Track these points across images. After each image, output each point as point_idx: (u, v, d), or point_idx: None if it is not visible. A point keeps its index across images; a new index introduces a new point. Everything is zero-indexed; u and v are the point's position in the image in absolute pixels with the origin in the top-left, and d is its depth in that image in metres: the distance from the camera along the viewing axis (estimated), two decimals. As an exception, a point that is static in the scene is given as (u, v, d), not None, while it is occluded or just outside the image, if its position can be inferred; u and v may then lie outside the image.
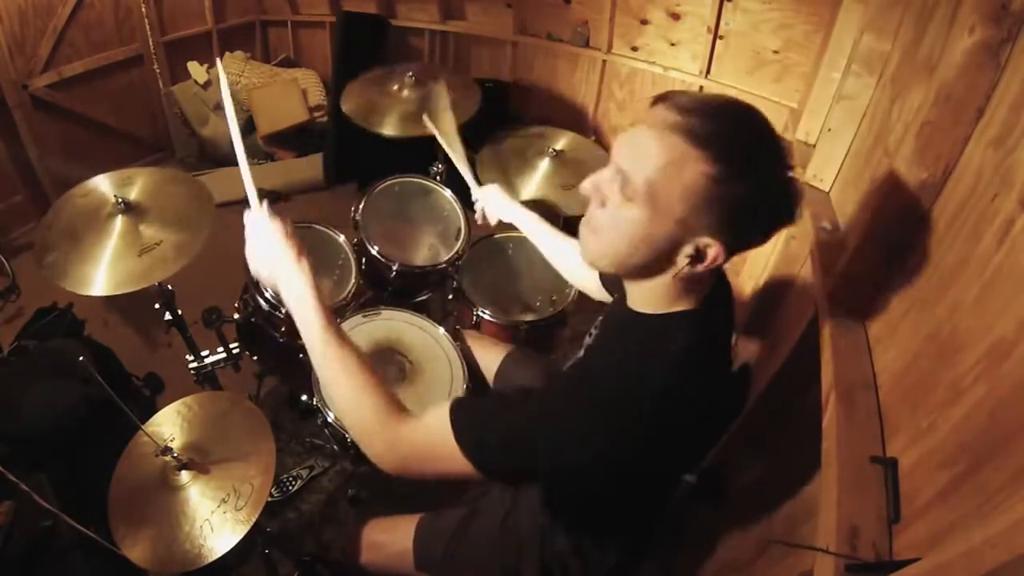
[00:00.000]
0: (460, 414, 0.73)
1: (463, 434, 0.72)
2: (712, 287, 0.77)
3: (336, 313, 1.43)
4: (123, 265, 1.22)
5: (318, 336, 0.80)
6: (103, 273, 1.20)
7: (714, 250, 0.67)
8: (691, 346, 0.73)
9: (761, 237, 0.71)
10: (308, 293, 0.82)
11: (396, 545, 1.10)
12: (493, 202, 1.31)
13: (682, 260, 0.69)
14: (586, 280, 1.17)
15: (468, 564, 1.07)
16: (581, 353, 0.92)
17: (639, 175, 0.66)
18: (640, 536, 1.05)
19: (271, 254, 0.85)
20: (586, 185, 0.73)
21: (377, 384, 0.79)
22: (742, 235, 0.69)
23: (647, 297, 0.77)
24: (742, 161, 0.64)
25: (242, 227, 0.89)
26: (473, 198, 1.38)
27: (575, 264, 1.18)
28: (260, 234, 0.86)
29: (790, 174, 0.67)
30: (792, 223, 0.70)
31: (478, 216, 1.36)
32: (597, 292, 1.15)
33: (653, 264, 0.72)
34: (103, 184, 1.32)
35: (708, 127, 0.64)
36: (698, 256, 0.68)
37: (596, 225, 0.73)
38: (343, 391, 0.79)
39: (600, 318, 0.96)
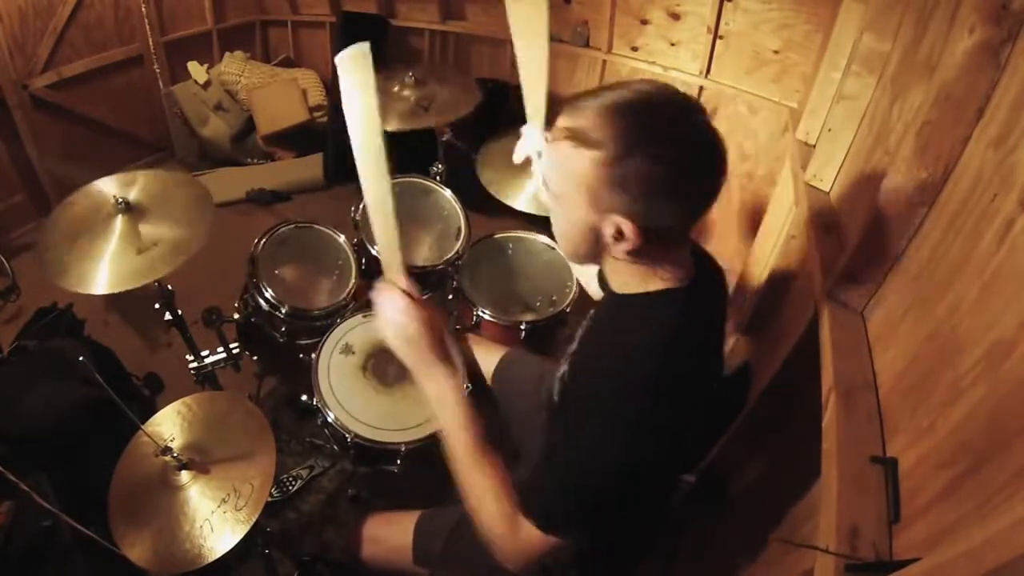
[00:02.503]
0: (535, 513, 0.79)
1: (551, 528, 0.78)
2: (694, 266, 0.81)
3: (336, 313, 1.45)
4: (122, 263, 1.22)
5: (457, 441, 0.85)
6: (102, 271, 1.20)
7: (627, 227, 0.71)
8: (672, 324, 0.77)
9: (683, 205, 0.73)
10: (451, 398, 0.86)
11: (395, 540, 1.11)
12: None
13: (610, 240, 0.74)
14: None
15: (466, 561, 1.07)
16: (575, 345, 0.95)
17: (548, 181, 0.77)
18: (640, 537, 1.05)
19: (407, 340, 0.87)
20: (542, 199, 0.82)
21: (502, 492, 0.82)
22: (653, 207, 0.70)
23: (622, 279, 0.83)
24: (623, 141, 0.67)
25: (242, 230, 0.90)
26: (528, 130, 1.23)
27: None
28: (394, 317, 0.88)
29: (709, 139, 0.70)
30: (720, 184, 0.72)
31: (517, 154, 1.26)
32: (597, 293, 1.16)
33: (593, 249, 0.79)
34: (105, 186, 1.32)
35: (581, 122, 0.70)
36: (621, 236, 0.73)
37: (553, 228, 0.83)
38: (472, 493, 0.85)
39: (592, 311, 0.98)
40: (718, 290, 0.89)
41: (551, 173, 0.76)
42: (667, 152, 0.68)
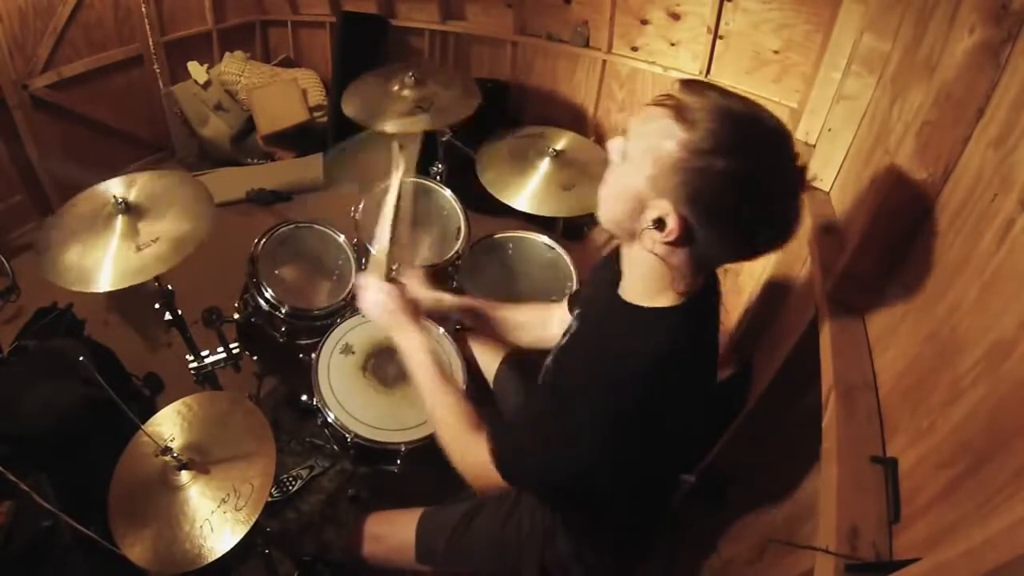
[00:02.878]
0: (498, 461, 0.83)
1: (509, 479, 0.83)
2: (701, 290, 0.80)
3: (336, 313, 1.45)
4: (121, 260, 1.22)
5: (428, 382, 0.95)
6: (102, 269, 1.20)
7: (671, 220, 0.70)
8: (671, 338, 0.77)
9: (732, 235, 0.72)
10: (417, 343, 0.98)
11: (397, 537, 1.11)
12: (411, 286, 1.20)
13: (647, 225, 0.73)
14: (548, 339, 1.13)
15: (469, 559, 1.07)
16: (566, 338, 0.95)
17: (630, 135, 0.75)
18: (640, 537, 1.05)
19: (388, 311, 1.03)
20: (608, 147, 0.80)
21: (469, 423, 0.90)
22: (705, 216, 0.69)
23: (635, 278, 0.82)
24: (724, 141, 0.66)
25: (242, 230, 0.91)
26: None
27: (537, 330, 1.21)
28: (377, 297, 1.04)
29: (790, 191, 0.70)
30: (779, 241, 0.73)
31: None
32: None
33: (629, 223, 0.76)
34: (109, 189, 1.32)
35: (697, 103, 0.68)
36: (660, 225, 0.71)
37: (602, 182, 0.81)
38: (442, 425, 0.93)
39: (583, 307, 0.98)
40: (715, 307, 0.89)
41: (638, 130, 0.74)
42: (746, 178, 0.67)
